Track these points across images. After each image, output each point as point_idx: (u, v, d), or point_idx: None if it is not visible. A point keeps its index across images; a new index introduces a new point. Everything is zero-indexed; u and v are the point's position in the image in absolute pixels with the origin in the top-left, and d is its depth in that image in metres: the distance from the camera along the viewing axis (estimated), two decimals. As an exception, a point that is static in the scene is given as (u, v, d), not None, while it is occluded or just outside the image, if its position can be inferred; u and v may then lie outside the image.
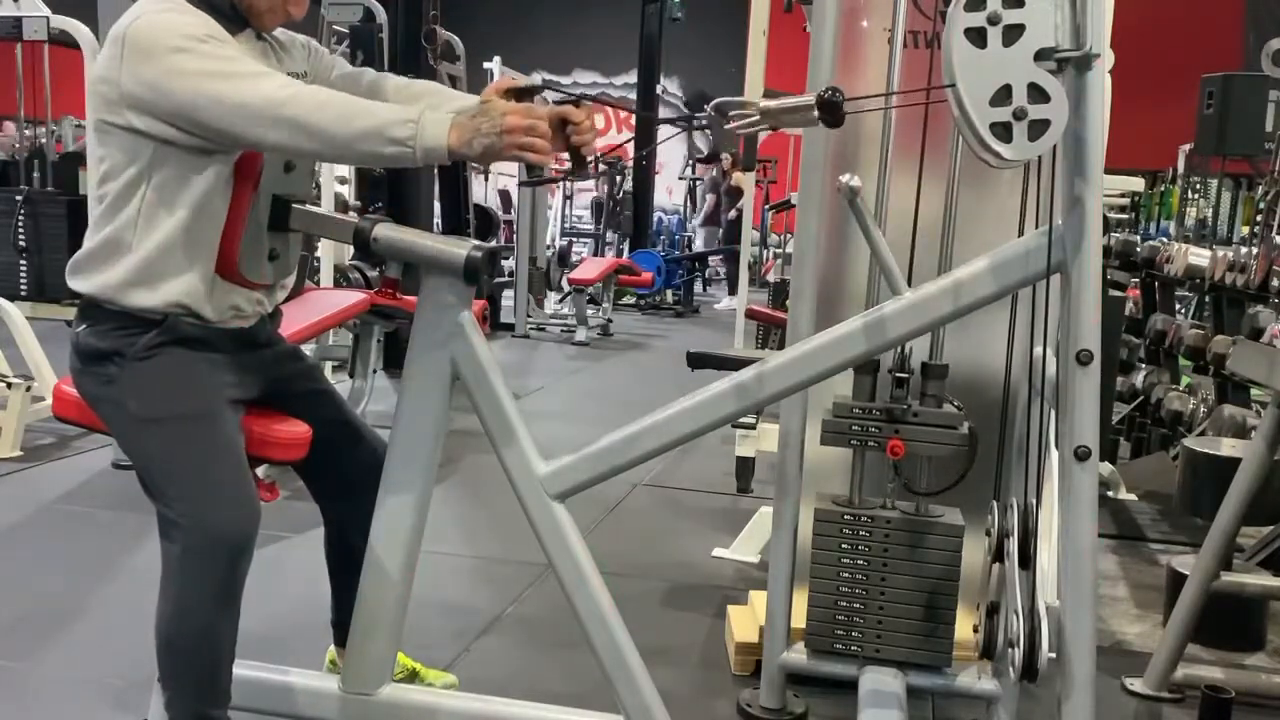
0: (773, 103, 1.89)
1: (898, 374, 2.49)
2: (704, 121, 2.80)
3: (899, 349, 2.47)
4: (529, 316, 9.73)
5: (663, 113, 16.37)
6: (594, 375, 8.08)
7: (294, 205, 2.05)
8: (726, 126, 1.96)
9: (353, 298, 4.71)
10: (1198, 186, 10.01)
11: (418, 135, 1.82)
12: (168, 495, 1.96)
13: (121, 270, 1.97)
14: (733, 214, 12.93)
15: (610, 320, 10.30)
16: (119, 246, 1.98)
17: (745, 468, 4.14)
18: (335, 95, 1.89)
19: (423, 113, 1.84)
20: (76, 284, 2.03)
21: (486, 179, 13.92)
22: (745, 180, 13.12)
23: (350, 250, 5.78)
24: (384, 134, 1.82)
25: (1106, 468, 4.86)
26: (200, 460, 1.97)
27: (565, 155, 2.08)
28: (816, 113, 1.78)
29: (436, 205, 8.45)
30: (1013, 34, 1.62)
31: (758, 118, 1.88)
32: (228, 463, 1.99)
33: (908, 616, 2.51)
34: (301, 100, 1.84)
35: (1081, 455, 1.73)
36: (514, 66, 11.93)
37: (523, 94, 1.86)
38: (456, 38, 8.00)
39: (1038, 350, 1.95)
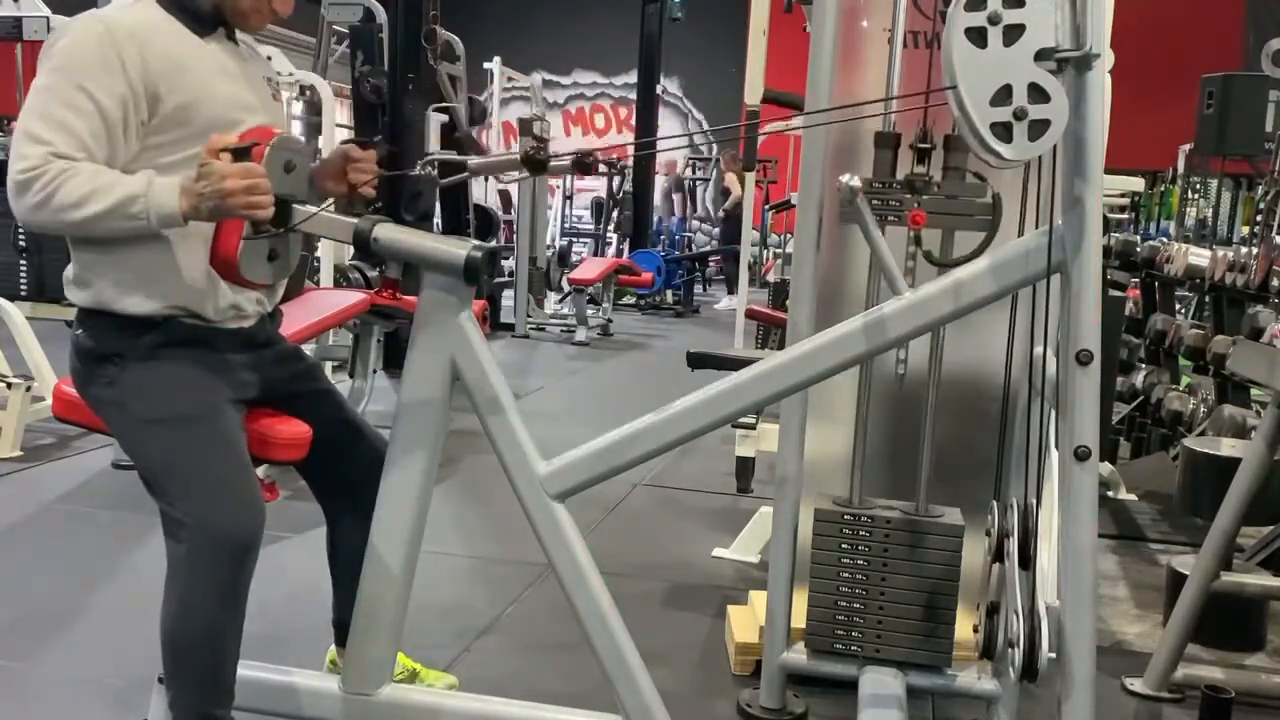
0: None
1: (919, 145, 2.43)
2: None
3: (921, 120, 2.42)
4: (529, 316, 9.72)
5: (663, 113, 16.33)
6: (594, 375, 8.08)
7: (294, 205, 2.05)
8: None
9: (353, 298, 4.71)
10: (1198, 186, 10.01)
11: (148, 209, 1.86)
12: (171, 495, 1.96)
13: (111, 280, 1.99)
14: (720, 213, 12.94)
15: (610, 320, 10.30)
16: (103, 257, 1.99)
17: (745, 468, 4.14)
18: (82, 176, 1.86)
19: (150, 183, 1.87)
20: (73, 296, 2.04)
21: (486, 179, 13.93)
22: (733, 183, 13.17)
23: (350, 250, 5.79)
24: (120, 212, 1.85)
25: (1106, 468, 4.86)
26: (204, 460, 1.97)
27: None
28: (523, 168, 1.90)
29: (436, 205, 8.44)
30: (1013, 34, 1.62)
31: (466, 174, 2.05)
32: (232, 462, 1.99)
33: (908, 616, 2.51)
34: (42, 181, 1.85)
35: (1081, 455, 1.73)
36: (514, 66, 11.97)
37: (239, 153, 1.88)
38: (456, 38, 8.00)
39: (1038, 350, 1.95)
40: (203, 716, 1.98)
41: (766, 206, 12.42)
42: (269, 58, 2.26)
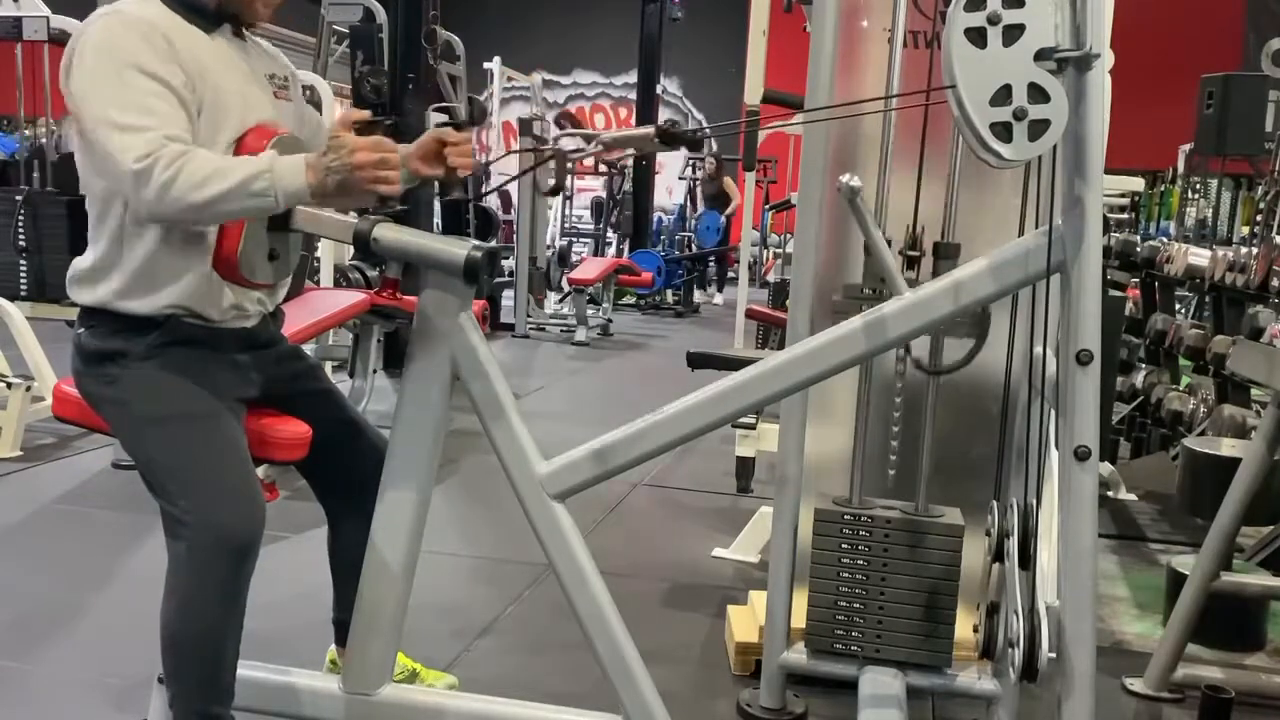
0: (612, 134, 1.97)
1: (908, 253, 2.46)
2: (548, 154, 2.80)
3: (910, 227, 2.45)
4: (529, 316, 9.73)
5: (663, 114, 16.33)
6: (594, 375, 8.08)
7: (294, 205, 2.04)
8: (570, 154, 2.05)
9: (353, 298, 4.71)
10: (1198, 186, 10.01)
11: (274, 186, 1.83)
12: (172, 494, 1.96)
13: (116, 283, 1.98)
14: (722, 220, 12.97)
15: (610, 320, 10.31)
16: (107, 261, 1.99)
17: (745, 468, 4.14)
18: (200, 155, 1.83)
19: (273, 161, 1.84)
20: (76, 296, 2.04)
21: (486, 179, 13.92)
22: (731, 189, 13.21)
23: (350, 250, 5.79)
24: (244, 190, 1.82)
25: (1106, 468, 4.86)
26: (205, 459, 1.97)
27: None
28: (657, 140, 1.86)
29: (436, 205, 8.44)
30: (1013, 34, 1.62)
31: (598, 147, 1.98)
32: (233, 462, 1.99)
33: (908, 616, 2.51)
34: (162, 164, 1.80)
35: (1081, 455, 1.73)
36: (514, 67, 11.96)
37: (366, 127, 1.87)
38: (456, 38, 8.00)
39: (1038, 350, 1.95)
40: (202, 715, 1.98)
41: (766, 206, 12.43)
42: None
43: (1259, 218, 6.75)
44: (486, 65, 11.23)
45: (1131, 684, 2.98)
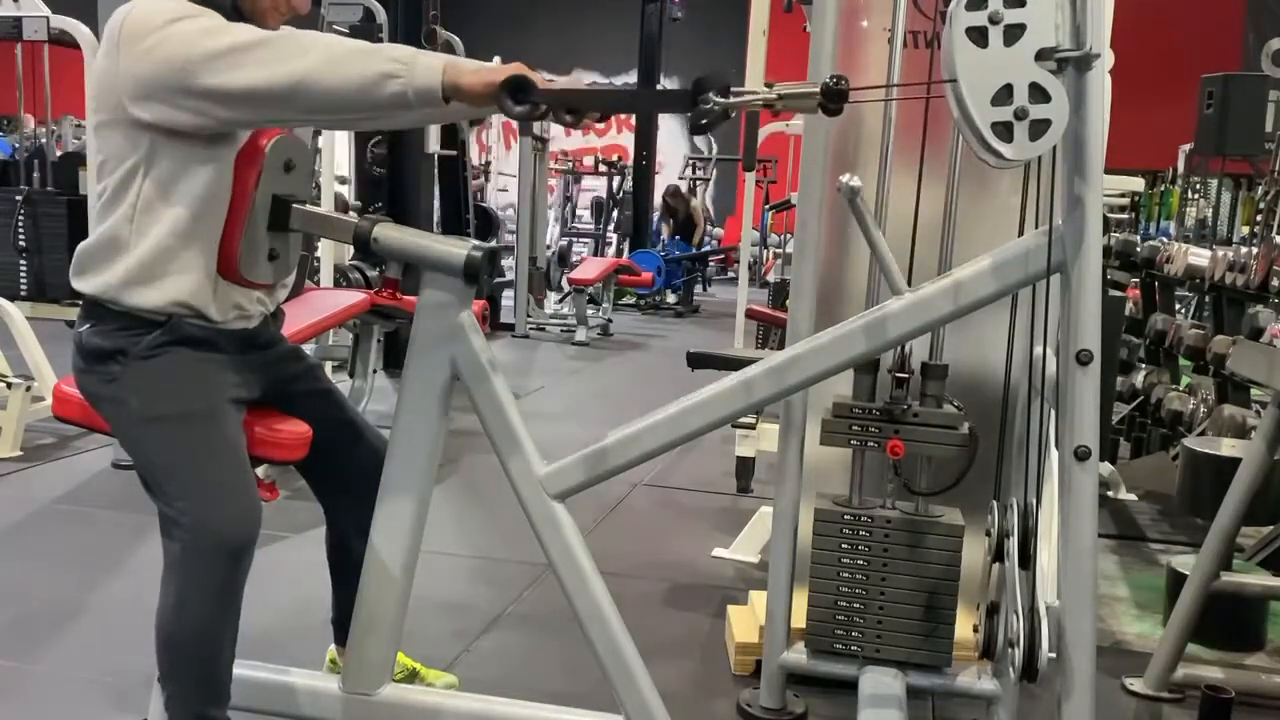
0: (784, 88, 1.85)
1: (897, 374, 2.49)
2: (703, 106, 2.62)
3: (899, 348, 2.47)
4: (529, 316, 9.73)
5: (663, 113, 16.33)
6: (594, 375, 8.08)
7: (294, 205, 2.05)
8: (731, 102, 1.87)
9: (353, 298, 4.71)
10: (1198, 186, 10.00)
11: (413, 68, 1.78)
12: (169, 494, 1.96)
13: (121, 269, 1.97)
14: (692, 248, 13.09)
15: (610, 320, 10.31)
16: (116, 243, 1.98)
17: (745, 468, 4.15)
18: (324, 37, 1.84)
19: (416, 55, 1.81)
20: (79, 284, 2.03)
21: (486, 179, 13.94)
22: (697, 211, 13.25)
23: (350, 250, 5.78)
24: (377, 66, 1.78)
25: (1106, 468, 4.86)
26: (202, 459, 1.97)
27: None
28: (820, 99, 1.78)
29: (436, 205, 8.45)
30: (1014, 33, 1.62)
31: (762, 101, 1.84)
32: (229, 462, 1.99)
33: (908, 616, 2.51)
34: (280, 38, 1.81)
35: (1081, 455, 1.73)
36: (514, 66, 11.93)
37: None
38: (456, 38, 8.00)
39: (1038, 350, 1.95)
40: (199, 716, 1.98)
41: (766, 206, 12.43)
42: None
43: (1259, 218, 6.75)
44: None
45: (1131, 684, 2.98)
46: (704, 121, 1.73)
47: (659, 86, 15.35)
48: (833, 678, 2.62)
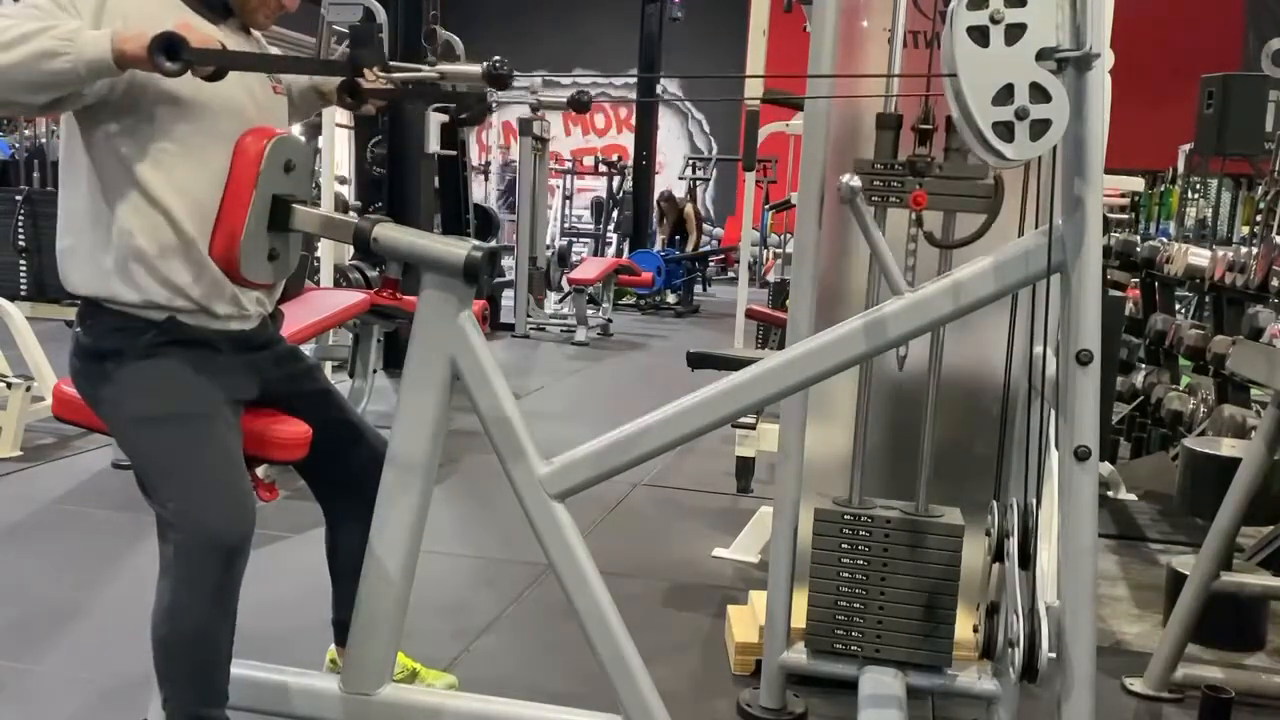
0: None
1: (921, 127, 2.43)
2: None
3: (924, 101, 2.42)
4: (529, 316, 9.73)
5: (662, 112, 16.36)
6: (594, 375, 8.08)
7: (294, 205, 2.04)
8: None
9: (353, 298, 4.71)
10: (1198, 186, 10.00)
11: (76, 41, 1.76)
12: (163, 495, 1.96)
13: (113, 265, 1.96)
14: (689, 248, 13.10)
15: (610, 320, 10.31)
16: (80, 241, 1.98)
17: (745, 468, 4.14)
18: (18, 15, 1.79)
19: (77, 33, 1.78)
20: (73, 281, 2.03)
21: (486, 179, 13.95)
22: (690, 218, 13.31)
23: (350, 250, 5.79)
24: (40, 42, 1.75)
25: (1106, 468, 4.86)
26: (196, 461, 1.97)
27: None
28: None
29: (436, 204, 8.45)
30: (1015, 33, 1.62)
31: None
32: (224, 464, 1.99)
33: (908, 616, 2.51)
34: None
35: (1081, 455, 1.73)
36: (514, 66, 11.94)
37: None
38: (456, 38, 8.00)
39: (1038, 350, 1.95)
40: (194, 717, 1.98)
41: (766, 206, 12.43)
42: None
43: (1259, 218, 6.74)
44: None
45: (1131, 684, 2.98)
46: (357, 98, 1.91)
47: (659, 87, 15.35)
48: (833, 678, 2.62)
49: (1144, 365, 5.52)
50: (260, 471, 2.12)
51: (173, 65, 1.77)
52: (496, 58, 1.97)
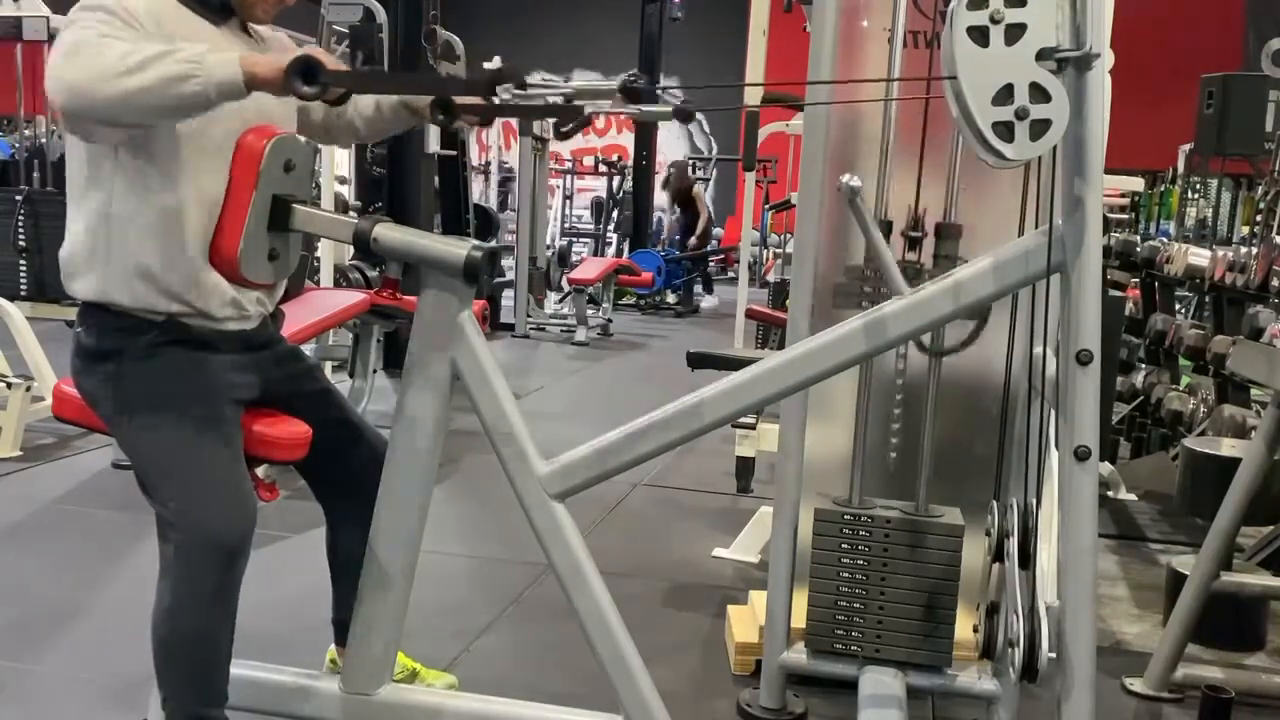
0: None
1: (910, 234, 2.45)
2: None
3: (912, 207, 2.45)
4: (529, 316, 9.72)
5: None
6: (594, 375, 8.08)
7: (294, 205, 2.04)
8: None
9: (353, 298, 4.71)
10: (1198, 186, 10.00)
11: (206, 69, 1.76)
12: (163, 495, 1.96)
13: (117, 269, 1.96)
14: (693, 240, 13.02)
15: (610, 320, 10.30)
16: (92, 244, 1.97)
17: (745, 468, 4.14)
18: (125, 42, 1.78)
19: (205, 55, 1.78)
20: (74, 287, 2.03)
21: (487, 179, 13.94)
22: (700, 198, 13.27)
23: (350, 250, 5.78)
24: (170, 73, 1.75)
25: (1106, 468, 4.86)
26: (196, 461, 1.97)
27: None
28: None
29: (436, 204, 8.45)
30: (1015, 33, 1.62)
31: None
32: (224, 464, 1.99)
33: (908, 616, 2.51)
34: (94, 44, 1.75)
35: (1081, 455, 1.73)
36: (513, 66, 11.93)
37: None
38: (456, 38, 7.99)
39: (1038, 350, 1.95)
40: (194, 717, 1.98)
41: (766, 206, 12.42)
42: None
43: (1259, 218, 6.74)
44: (486, 65, 11.20)
45: (1131, 684, 2.98)
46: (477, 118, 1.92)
47: (659, 88, 15.35)
48: (833, 678, 2.62)
49: (1144, 365, 5.52)
50: (260, 471, 2.12)
51: (310, 89, 1.77)
52: (632, 72, 1.96)
